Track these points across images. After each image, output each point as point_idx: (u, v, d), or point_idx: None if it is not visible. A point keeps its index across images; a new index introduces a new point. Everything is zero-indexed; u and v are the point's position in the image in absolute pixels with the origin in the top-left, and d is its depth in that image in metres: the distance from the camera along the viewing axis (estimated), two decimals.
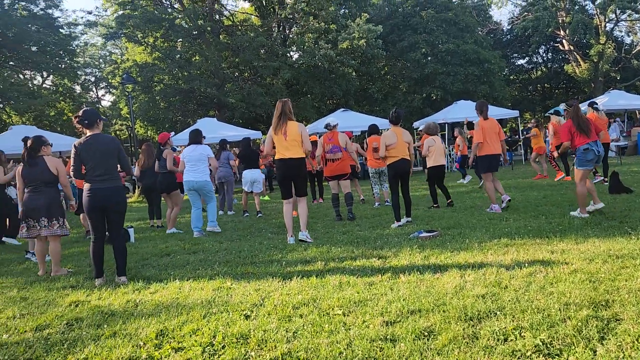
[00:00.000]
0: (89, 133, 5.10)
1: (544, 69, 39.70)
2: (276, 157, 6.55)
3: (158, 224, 9.58)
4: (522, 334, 2.87)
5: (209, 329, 3.41)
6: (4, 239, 8.86)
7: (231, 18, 28.84)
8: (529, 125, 19.02)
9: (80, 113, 5.14)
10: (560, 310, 3.16)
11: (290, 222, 6.64)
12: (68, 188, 6.06)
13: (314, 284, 4.33)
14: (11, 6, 26.07)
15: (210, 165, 8.19)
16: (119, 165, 5.22)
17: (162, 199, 9.53)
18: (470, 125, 12.78)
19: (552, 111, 12.70)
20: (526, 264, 4.32)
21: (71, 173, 5.16)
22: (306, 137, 6.48)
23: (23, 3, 26.30)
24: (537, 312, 3.16)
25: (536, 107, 38.14)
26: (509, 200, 7.76)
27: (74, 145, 5.07)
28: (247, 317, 3.62)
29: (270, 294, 4.14)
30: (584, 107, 11.09)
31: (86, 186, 5.05)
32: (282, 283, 4.45)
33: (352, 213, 8.43)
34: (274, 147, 6.57)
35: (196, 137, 8.13)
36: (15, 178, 6.18)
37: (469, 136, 13.20)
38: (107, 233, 5.24)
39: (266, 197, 13.88)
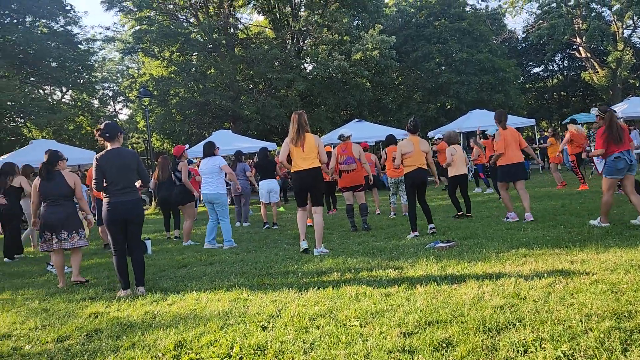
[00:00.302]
0: (109, 146, 5.19)
1: (560, 77, 39.39)
2: (293, 170, 6.57)
3: (176, 235, 9.65)
4: (542, 346, 2.83)
5: (227, 340, 3.42)
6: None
7: (245, 31, 29.16)
8: (545, 134, 18.84)
9: (101, 126, 5.23)
10: (581, 321, 3.11)
11: (303, 227, 6.70)
12: (84, 202, 6.16)
13: (331, 295, 4.32)
14: (32, 24, 26.72)
15: (226, 175, 8.17)
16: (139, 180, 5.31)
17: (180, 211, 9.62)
18: (484, 135, 12.70)
19: (568, 120, 12.57)
20: (545, 275, 4.26)
21: (92, 185, 5.24)
22: (322, 149, 6.55)
23: (44, 20, 26.93)
24: (557, 324, 3.11)
25: (553, 115, 37.80)
26: (532, 221, 7.44)
27: (96, 158, 5.15)
28: (264, 328, 3.62)
29: (286, 305, 4.14)
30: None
31: (106, 199, 5.12)
32: (298, 294, 4.46)
33: (367, 224, 8.41)
34: (289, 157, 6.61)
35: (209, 150, 8.16)
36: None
37: (483, 146, 13.11)
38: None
39: (281, 209, 13.91)
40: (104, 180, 5.12)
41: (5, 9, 25.10)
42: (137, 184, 5.39)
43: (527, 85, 38.57)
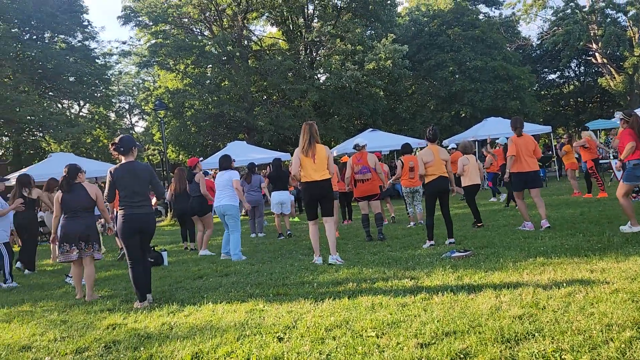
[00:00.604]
0: (124, 160, 5.26)
1: (577, 83, 39.01)
2: (303, 180, 6.60)
3: (192, 247, 9.71)
4: (562, 357, 2.79)
5: (243, 351, 3.43)
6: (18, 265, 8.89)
7: (259, 43, 29.45)
8: (562, 141, 18.62)
9: (116, 140, 5.31)
10: (602, 331, 3.06)
11: (316, 242, 6.71)
12: (106, 213, 6.27)
13: (346, 305, 4.31)
14: (51, 39, 27.32)
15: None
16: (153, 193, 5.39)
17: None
18: (494, 144, 12.67)
19: (580, 128, 12.52)
20: (564, 284, 4.20)
21: (104, 197, 5.33)
22: (332, 160, 6.66)
23: (62, 36, 27.53)
24: (577, 334, 3.06)
25: (569, 122, 37.42)
26: (548, 227, 7.42)
27: (110, 172, 5.23)
28: (280, 339, 3.62)
29: (302, 316, 4.14)
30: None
31: (121, 212, 5.20)
32: (314, 305, 4.45)
33: (382, 234, 8.38)
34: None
35: (226, 163, 8.21)
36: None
37: (495, 154, 13.07)
38: None
39: (296, 219, 13.92)
40: (119, 193, 5.20)
41: (25, 26, 25.71)
42: (153, 201, 5.48)
43: (543, 92, 38.27)
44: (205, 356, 3.44)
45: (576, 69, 38.78)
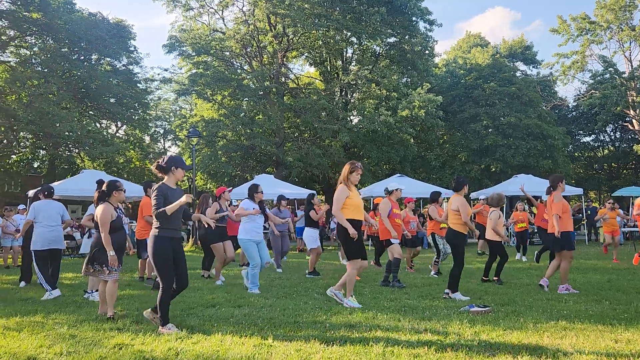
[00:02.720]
0: (166, 180, 5.16)
1: (612, 148, 38.33)
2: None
3: (208, 274, 9.68)
4: None
5: None
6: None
7: (296, 81, 30.07)
8: (594, 205, 18.20)
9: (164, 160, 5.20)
10: None
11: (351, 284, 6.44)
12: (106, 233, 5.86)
13: (357, 350, 4.19)
14: (97, 61, 28.51)
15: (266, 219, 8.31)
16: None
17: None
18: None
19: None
20: (586, 352, 4.00)
21: (153, 211, 4.99)
22: (335, 199, 6.44)
23: (108, 59, 28.73)
24: None
25: (602, 186, 36.60)
26: (547, 286, 7.38)
27: (159, 186, 5.02)
28: None
29: (310, 356, 4.03)
30: None
31: (162, 233, 5.02)
32: (323, 346, 4.34)
33: (393, 281, 8.10)
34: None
35: (248, 191, 8.20)
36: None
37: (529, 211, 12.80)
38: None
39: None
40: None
41: (75, 46, 26.96)
42: None
43: (576, 154, 37.69)
44: None
45: (612, 133, 38.21)
